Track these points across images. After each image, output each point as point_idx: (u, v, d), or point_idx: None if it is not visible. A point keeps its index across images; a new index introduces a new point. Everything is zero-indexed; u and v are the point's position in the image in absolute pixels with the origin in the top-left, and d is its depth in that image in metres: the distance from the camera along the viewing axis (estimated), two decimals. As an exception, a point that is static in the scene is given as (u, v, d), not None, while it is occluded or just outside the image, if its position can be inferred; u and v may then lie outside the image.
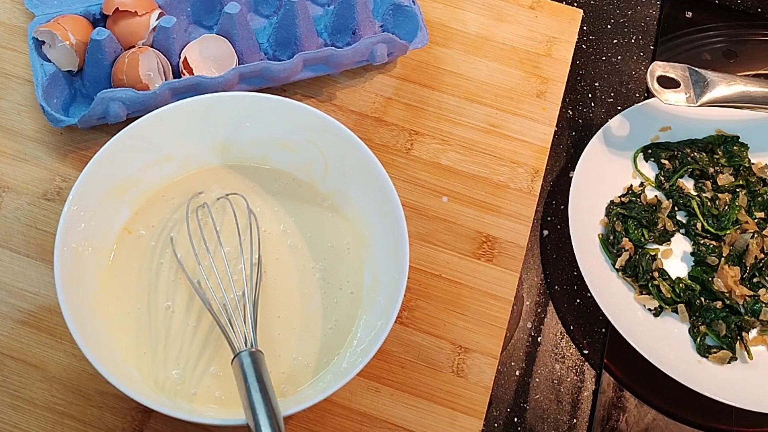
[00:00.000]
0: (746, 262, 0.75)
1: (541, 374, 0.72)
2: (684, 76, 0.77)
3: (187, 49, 0.75)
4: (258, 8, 0.81)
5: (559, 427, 0.70)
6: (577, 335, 0.74)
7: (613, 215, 0.77)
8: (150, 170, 0.68)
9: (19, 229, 0.69)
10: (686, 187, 0.80)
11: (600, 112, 0.87)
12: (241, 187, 0.70)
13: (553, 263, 0.78)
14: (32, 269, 0.68)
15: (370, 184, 0.66)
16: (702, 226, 0.77)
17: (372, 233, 0.67)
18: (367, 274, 0.66)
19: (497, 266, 0.72)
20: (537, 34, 0.86)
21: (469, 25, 0.85)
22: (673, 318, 0.74)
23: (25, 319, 0.66)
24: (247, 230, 0.67)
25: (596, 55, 0.91)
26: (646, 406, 0.72)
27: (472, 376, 0.67)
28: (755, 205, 0.79)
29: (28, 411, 0.63)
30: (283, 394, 0.61)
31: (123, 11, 0.73)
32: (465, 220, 0.74)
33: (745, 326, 0.73)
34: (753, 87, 0.76)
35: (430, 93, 0.81)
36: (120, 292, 0.64)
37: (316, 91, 0.79)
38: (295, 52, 0.77)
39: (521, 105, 0.81)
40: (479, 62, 0.83)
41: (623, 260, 0.75)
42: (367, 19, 0.78)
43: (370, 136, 0.77)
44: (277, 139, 0.69)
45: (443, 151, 0.78)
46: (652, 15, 0.94)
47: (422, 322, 0.69)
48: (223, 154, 0.70)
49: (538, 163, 0.78)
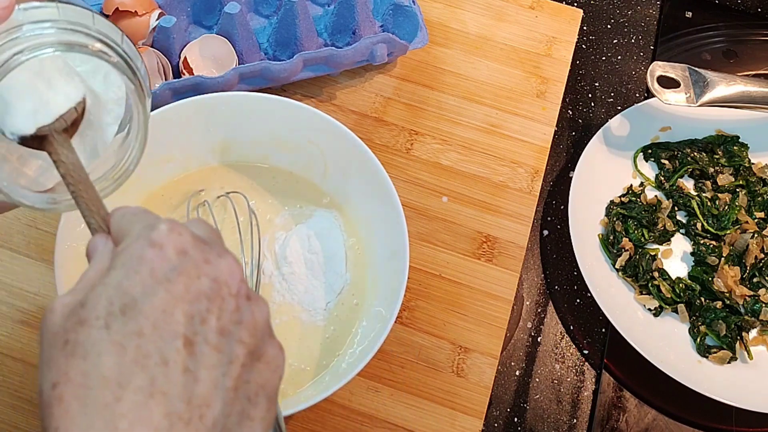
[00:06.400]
0: (746, 262, 0.75)
1: (541, 374, 0.72)
2: (684, 76, 0.77)
3: (187, 49, 0.75)
4: (258, 8, 0.81)
5: (559, 427, 0.70)
6: (577, 335, 0.74)
7: (613, 215, 0.77)
8: (150, 170, 0.68)
9: (19, 229, 0.69)
10: (686, 187, 0.80)
11: (600, 112, 0.87)
12: (241, 186, 0.70)
13: (553, 263, 0.78)
14: (32, 269, 0.68)
15: (370, 184, 0.66)
16: (702, 226, 0.77)
17: (372, 233, 0.67)
18: (368, 274, 0.66)
19: (497, 266, 0.72)
20: (537, 34, 0.86)
21: (469, 25, 0.85)
22: (673, 318, 0.74)
23: (25, 319, 0.66)
24: (247, 229, 0.67)
25: (596, 55, 0.91)
26: (646, 406, 0.72)
27: (472, 376, 0.67)
28: (755, 205, 0.79)
29: (28, 411, 0.63)
30: (283, 394, 0.61)
31: (123, 11, 0.73)
32: (465, 220, 0.74)
33: (745, 326, 0.73)
34: (753, 87, 0.76)
35: (430, 93, 0.81)
36: (120, 292, 0.64)
37: (316, 91, 0.79)
38: (295, 52, 0.77)
39: (521, 105, 0.81)
40: (479, 62, 0.83)
41: (623, 260, 0.75)
42: (367, 19, 0.78)
43: (370, 136, 0.77)
44: (277, 139, 0.69)
45: (443, 151, 0.78)
46: (652, 15, 0.94)
47: (422, 322, 0.69)
48: (223, 154, 0.70)
49: (538, 163, 0.78)
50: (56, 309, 0.35)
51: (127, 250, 0.36)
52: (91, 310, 0.34)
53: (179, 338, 0.34)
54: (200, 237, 0.37)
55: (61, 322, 0.35)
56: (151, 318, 0.34)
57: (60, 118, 0.44)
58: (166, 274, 0.35)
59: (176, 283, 0.35)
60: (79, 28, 0.41)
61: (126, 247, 0.36)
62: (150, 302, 0.34)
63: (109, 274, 0.35)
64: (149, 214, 0.40)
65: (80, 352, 0.33)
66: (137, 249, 0.36)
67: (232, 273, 0.37)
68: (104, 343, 0.33)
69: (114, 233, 0.40)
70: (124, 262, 0.35)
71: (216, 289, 0.36)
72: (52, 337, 0.35)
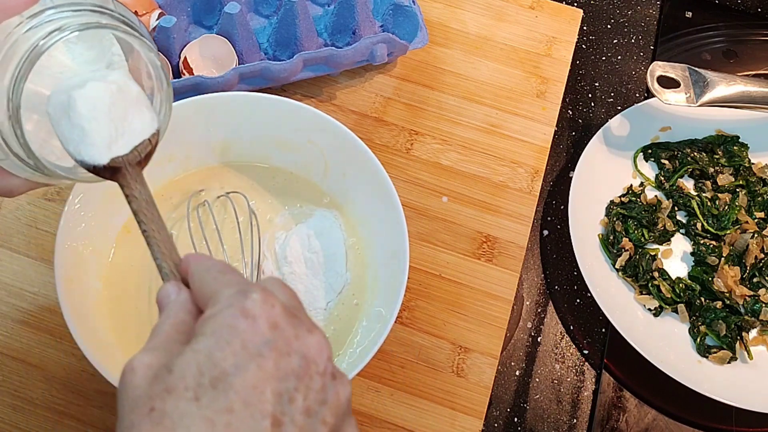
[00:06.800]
0: (746, 262, 0.75)
1: (541, 374, 0.72)
2: (684, 76, 0.77)
3: (187, 49, 0.75)
4: (258, 8, 0.81)
5: (559, 427, 0.70)
6: (577, 335, 0.74)
7: (613, 215, 0.77)
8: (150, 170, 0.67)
9: (19, 229, 0.69)
10: (686, 187, 0.80)
11: (600, 112, 0.87)
12: (241, 186, 0.70)
13: (553, 263, 0.78)
14: (32, 269, 0.68)
15: (370, 184, 0.66)
16: (702, 226, 0.77)
17: (372, 233, 0.67)
18: (368, 274, 0.66)
19: (497, 266, 0.72)
20: (537, 34, 0.86)
21: (469, 25, 0.85)
22: (673, 318, 0.74)
23: (25, 319, 0.66)
24: (248, 229, 0.67)
25: (596, 55, 0.91)
26: (646, 406, 0.72)
27: (472, 376, 0.67)
28: (755, 205, 0.79)
29: (28, 411, 0.63)
30: (283, 394, 0.61)
31: (123, 11, 0.73)
32: (465, 220, 0.74)
33: (745, 326, 0.73)
34: (753, 87, 0.76)
35: (430, 93, 0.81)
36: (120, 292, 0.64)
37: (316, 91, 0.79)
38: (295, 52, 0.77)
39: (521, 105, 0.81)
40: (479, 62, 0.83)
41: (623, 260, 0.75)
42: (367, 19, 0.78)
43: (370, 136, 0.77)
44: (278, 139, 0.69)
45: (443, 151, 0.78)
46: (652, 15, 0.94)
47: (422, 322, 0.69)
48: (223, 154, 0.70)
49: (538, 163, 0.78)
50: (137, 369, 0.35)
51: (218, 318, 0.35)
52: (179, 379, 0.34)
53: (268, 417, 0.33)
54: (290, 308, 0.37)
55: (145, 386, 0.34)
56: (241, 394, 0.33)
57: (134, 149, 0.44)
58: (259, 348, 0.34)
59: (267, 359, 0.34)
60: (104, 10, 0.42)
61: (217, 313, 0.36)
62: (242, 377, 0.34)
63: (198, 340, 0.35)
64: (236, 274, 0.39)
65: (168, 424, 0.33)
66: (229, 318, 0.35)
67: (320, 351, 0.36)
68: (194, 418, 0.33)
69: (196, 290, 0.39)
70: (215, 330, 0.35)
71: (305, 367, 0.35)
72: (134, 401, 0.34)
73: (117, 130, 0.43)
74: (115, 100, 0.43)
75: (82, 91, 0.42)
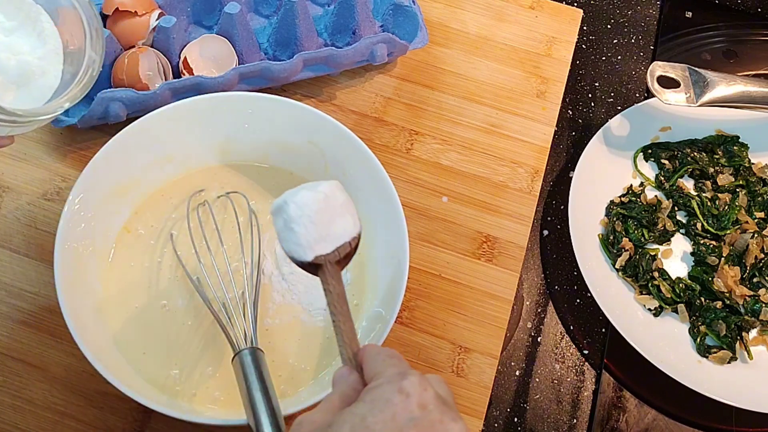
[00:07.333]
0: (746, 262, 0.75)
1: (541, 374, 0.72)
2: (684, 76, 0.77)
3: (187, 49, 0.75)
4: (258, 8, 0.81)
5: (559, 427, 0.70)
6: (577, 335, 0.74)
7: (613, 215, 0.77)
8: (150, 170, 0.68)
9: (19, 229, 0.69)
10: (686, 187, 0.80)
11: (600, 112, 0.87)
12: (241, 186, 0.70)
13: (553, 263, 0.78)
14: (32, 269, 0.68)
15: (370, 184, 0.66)
16: (702, 226, 0.77)
17: (372, 233, 0.67)
18: (368, 274, 0.66)
19: (497, 266, 0.72)
20: (537, 34, 0.86)
21: (469, 25, 0.85)
22: (673, 318, 0.74)
23: (25, 319, 0.66)
24: (248, 229, 0.67)
25: (596, 55, 0.91)
26: (646, 406, 0.72)
27: (472, 376, 0.67)
28: (755, 205, 0.79)
29: (28, 411, 0.63)
30: (283, 394, 0.61)
31: (123, 11, 0.73)
32: (465, 220, 0.74)
33: (745, 326, 0.73)
34: (753, 87, 0.76)
35: (430, 93, 0.81)
36: (119, 292, 0.64)
37: (316, 91, 0.79)
38: (295, 52, 0.77)
39: (521, 105, 0.81)
40: (479, 62, 0.83)
41: (623, 260, 0.75)
42: (367, 19, 0.78)
43: (370, 136, 0.77)
44: (277, 139, 0.69)
45: (443, 151, 0.78)
46: (652, 15, 0.94)
47: (422, 322, 0.69)
48: (223, 154, 0.70)
49: (538, 163, 0.78)
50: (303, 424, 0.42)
51: (377, 390, 0.42)
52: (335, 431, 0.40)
53: None
54: (442, 397, 0.42)
55: None
56: None
57: (335, 250, 0.51)
58: (405, 422, 0.40)
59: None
60: None
61: (377, 386, 0.42)
62: None
63: (358, 405, 0.41)
64: (402, 361, 0.45)
65: None
66: (386, 391, 0.41)
67: None
68: None
69: (367, 369, 0.45)
70: (373, 399, 0.41)
71: None
72: None
73: (321, 232, 0.50)
74: (321, 207, 0.50)
75: (295, 198, 0.50)
